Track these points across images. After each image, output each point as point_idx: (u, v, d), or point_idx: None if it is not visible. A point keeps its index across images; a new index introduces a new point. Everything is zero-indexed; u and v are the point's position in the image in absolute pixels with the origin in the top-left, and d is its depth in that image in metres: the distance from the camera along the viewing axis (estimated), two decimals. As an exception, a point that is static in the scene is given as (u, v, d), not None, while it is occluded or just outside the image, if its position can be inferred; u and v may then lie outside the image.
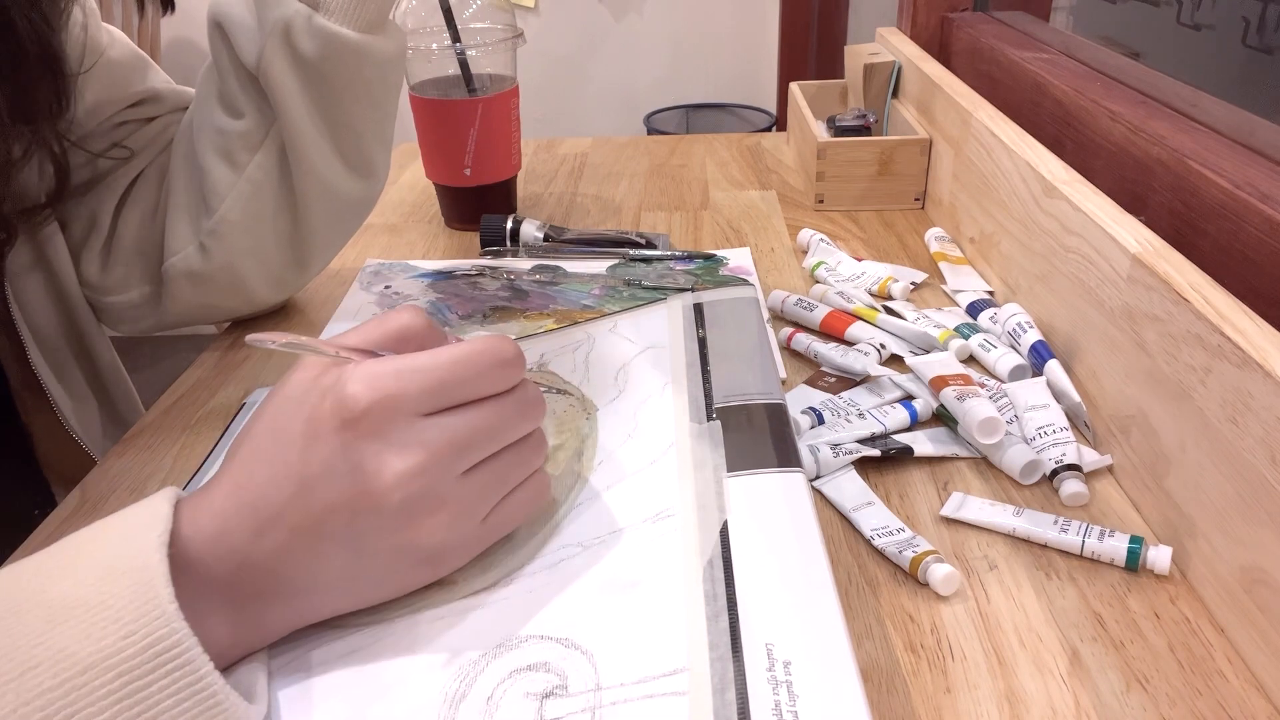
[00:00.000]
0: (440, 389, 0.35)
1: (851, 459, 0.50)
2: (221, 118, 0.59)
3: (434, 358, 0.36)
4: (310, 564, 0.34)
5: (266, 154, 0.59)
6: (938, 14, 0.96)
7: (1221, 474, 0.40)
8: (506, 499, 0.38)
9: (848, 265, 0.71)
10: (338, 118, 0.59)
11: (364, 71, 0.58)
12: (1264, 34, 1.01)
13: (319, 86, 0.57)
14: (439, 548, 0.36)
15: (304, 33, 0.55)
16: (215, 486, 0.35)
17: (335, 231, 0.64)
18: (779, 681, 0.32)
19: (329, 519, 0.34)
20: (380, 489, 0.34)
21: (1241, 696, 0.37)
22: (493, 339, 0.37)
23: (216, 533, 0.34)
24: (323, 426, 0.34)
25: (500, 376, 0.37)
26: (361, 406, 0.34)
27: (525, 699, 0.33)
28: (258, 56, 0.56)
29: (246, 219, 0.60)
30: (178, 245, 0.61)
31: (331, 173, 0.60)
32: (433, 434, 0.35)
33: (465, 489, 0.36)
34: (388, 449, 0.34)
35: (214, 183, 0.59)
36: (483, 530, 0.38)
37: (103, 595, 0.30)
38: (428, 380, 0.35)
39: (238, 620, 0.34)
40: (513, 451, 0.38)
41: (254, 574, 0.34)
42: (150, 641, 0.29)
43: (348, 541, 0.34)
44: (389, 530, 0.35)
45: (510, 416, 0.37)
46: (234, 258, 0.61)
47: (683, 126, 2.48)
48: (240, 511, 0.34)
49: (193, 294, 0.63)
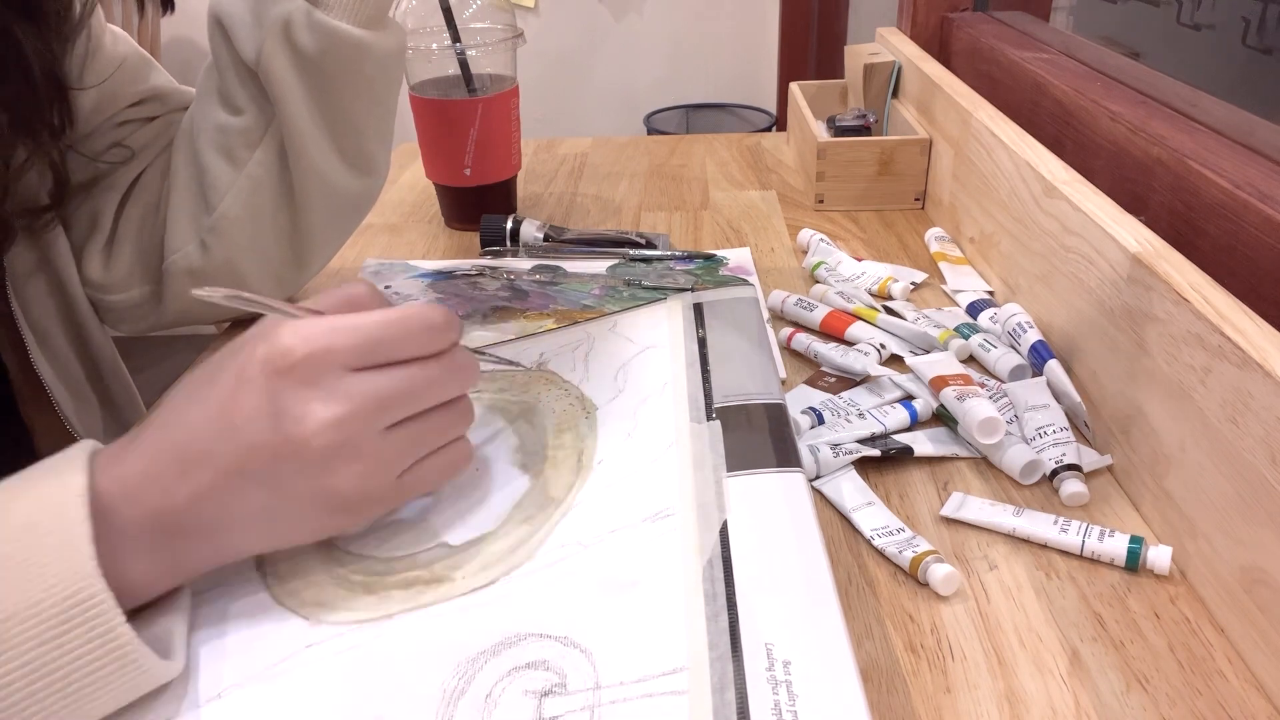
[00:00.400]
0: (369, 346, 0.37)
1: (851, 459, 0.50)
2: (221, 115, 0.59)
3: (366, 317, 0.37)
4: (231, 503, 0.36)
5: (266, 150, 0.59)
6: (938, 14, 0.96)
7: (1221, 474, 0.40)
8: (425, 460, 0.39)
9: (848, 265, 0.71)
10: (337, 114, 0.59)
11: (364, 67, 0.58)
12: (1264, 34, 1.01)
13: (318, 82, 0.57)
14: (353, 497, 0.37)
15: (304, 28, 0.55)
16: (144, 429, 0.37)
17: (335, 228, 0.65)
18: (778, 681, 0.32)
19: (251, 460, 0.35)
20: (302, 435, 0.35)
21: (1241, 696, 0.37)
22: (426, 304, 0.39)
23: (142, 473, 0.35)
24: (253, 371, 0.36)
25: (429, 339, 0.38)
26: (294, 357, 0.35)
27: (524, 697, 0.33)
28: (257, 52, 0.56)
29: (246, 215, 0.60)
30: (178, 243, 0.61)
31: (331, 169, 0.60)
32: (358, 388, 0.36)
33: (384, 444, 0.37)
34: (314, 398, 0.35)
35: (214, 179, 0.60)
36: (398, 486, 0.39)
37: (27, 550, 0.32)
38: (357, 337, 0.36)
39: (158, 558, 0.36)
40: (438, 414, 0.39)
41: (176, 513, 0.35)
42: (68, 595, 0.31)
43: (267, 482, 0.36)
44: (307, 475, 0.36)
45: (437, 379, 0.39)
46: (234, 254, 0.61)
47: (683, 126, 2.48)
48: (167, 451, 0.36)
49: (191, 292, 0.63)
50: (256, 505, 0.36)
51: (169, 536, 0.35)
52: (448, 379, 0.39)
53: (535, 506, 0.43)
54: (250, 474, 0.35)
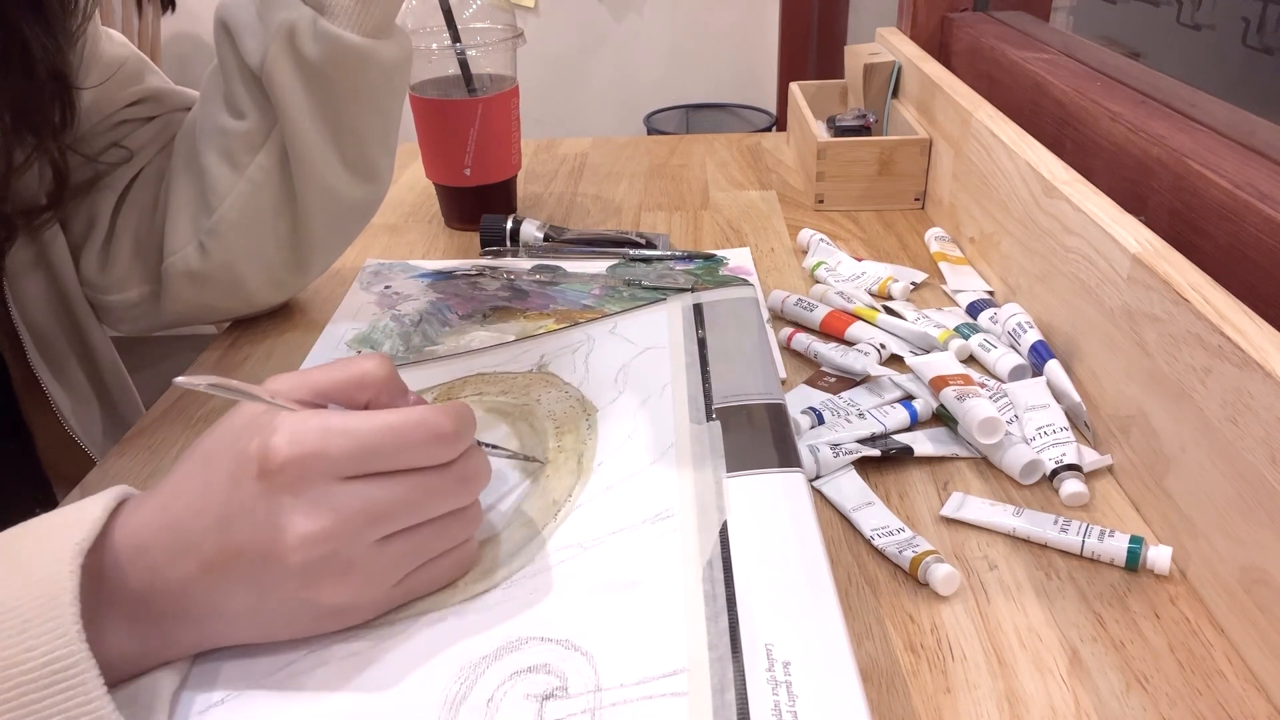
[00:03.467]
0: (363, 455, 0.34)
1: (851, 459, 0.50)
2: (224, 118, 0.59)
3: (366, 421, 0.34)
4: (217, 598, 0.34)
5: (268, 155, 0.59)
6: (938, 14, 0.96)
7: (1221, 474, 0.40)
8: (425, 566, 0.37)
9: (848, 265, 0.71)
10: (341, 121, 0.59)
11: (368, 76, 0.58)
12: (1264, 34, 1.01)
13: (322, 90, 0.57)
14: (344, 607, 0.36)
15: (309, 36, 0.55)
16: (152, 496, 0.35)
17: (336, 235, 0.64)
18: (778, 682, 0.32)
19: (238, 560, 0.34)
20: (283, 547, 0.33)
21: (1241, 696, 0.37)
22: (436, 410, 0.36)
23: (137, 547, 0.34)
24: (246, 469, 0.34)
25: (432, 451, 0.35)
26: (280, 459, 0.33)
27: (525, 701, 0.33)
28: (262, 58, 0.56)
29: (246, 219, 0.60)
30: (177, 244, 0.61)
31: (333, 176, 0.60)
32: (344, 500, 0.34)
33: (376, 557, 0.35)
34: (298, 507, 0.33)
35: (214, 182, 0.59)
36: (395, 593, 0.37)
37: (15, 599, 0.31)
38: (351, 443, 0.34)
39: (146, 634, 0.34)
40: (439, 524, 0.37)
41: (164, 595, 0.34)
42: (49, 658, 0.30)
43: (252, 585, 0.34)
44: (291, 586, 0.34)
45: (440, 490, 0.36)
46: (232, 257, 0.61)
47: (683, 126, 2.48)
48: (163, 531, 0.34)
49: (191, 293, 0.63)
50: (242, 603, 0.34)
51: (154, 615, 0.34)
52: (454, 489, 0.36)
53: (536, 509, 0.43)
54: (235, 574, 0.34)
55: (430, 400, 0.53)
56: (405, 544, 0.36)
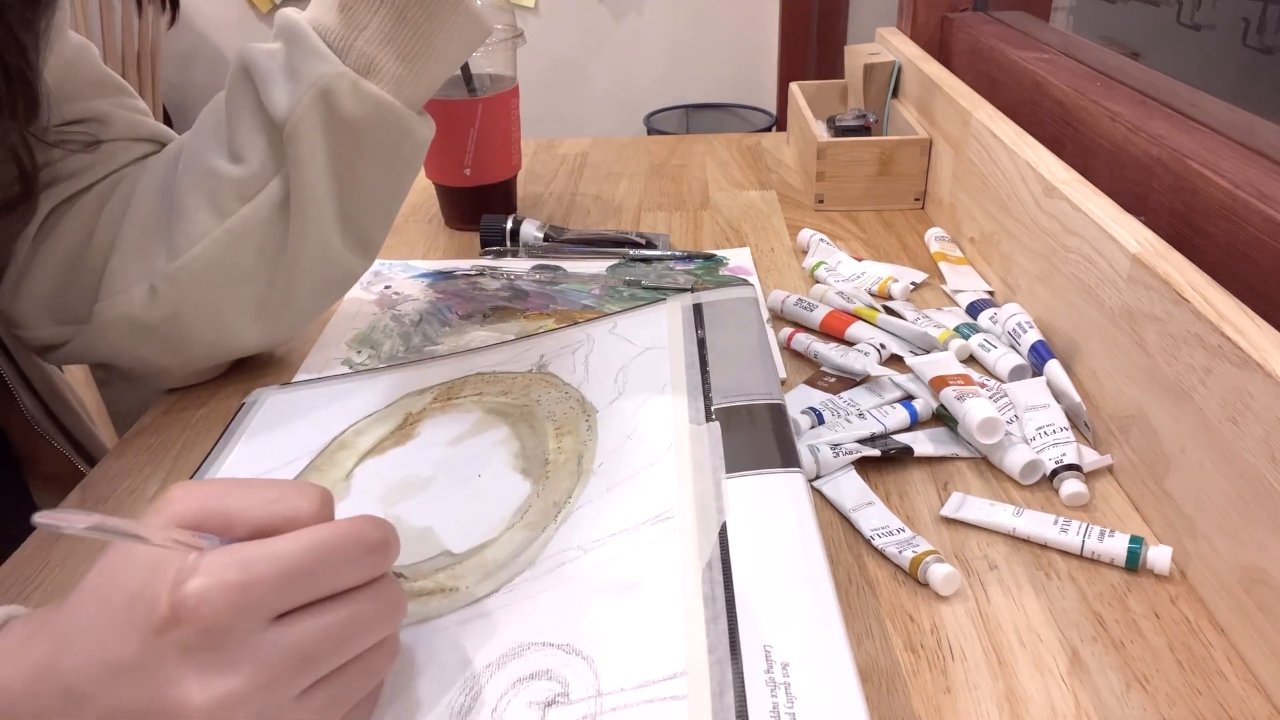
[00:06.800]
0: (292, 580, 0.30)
1: (851, 459, 0.50)
2: (218, 160, 0.55)
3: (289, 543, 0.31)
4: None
5: (255, 208, 0.54)
6: (938, 14, 0.96)
7: (1221, 474, 0.40)
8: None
9: (848, 265, 0.71)
10: (355, 185, 0.56)
11: (402, 146, 0.55)
12: (1264, 34, 1.01)
13: (349, 150, 0.54)
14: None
15: (349, 95, 0.52)
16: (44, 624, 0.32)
17: (314, 301, 0.60)
18: (777, 684, 0.32)
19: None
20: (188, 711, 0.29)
21: (1241, 696, 0.37)
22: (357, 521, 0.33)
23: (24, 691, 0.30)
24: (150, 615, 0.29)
25: (367, 564, 0.32)
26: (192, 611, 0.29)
27: (529, 708, 0.33)
28: (290, 109, 0.52)
29: (211, 270, 0.55)
30: (119, 285, 0.55)
31: (329, 239, 0.56)
32: (267, 651, 0.30)
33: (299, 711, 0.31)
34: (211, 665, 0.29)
35: (189, 225, 0.54)
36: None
37: None
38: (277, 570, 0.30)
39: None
40: (363, 661, 0.33)
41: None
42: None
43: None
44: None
45: (367, 619, 0.32)
46: (184, 310, 0.56)
47: (683, 126, 2.48)
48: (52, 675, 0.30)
49: (125, 342, 0.57)
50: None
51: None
52: (382, 613, 0.33)
53: (536, 512, 0.43)
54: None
55: (430, 400, 0.53)
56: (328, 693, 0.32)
